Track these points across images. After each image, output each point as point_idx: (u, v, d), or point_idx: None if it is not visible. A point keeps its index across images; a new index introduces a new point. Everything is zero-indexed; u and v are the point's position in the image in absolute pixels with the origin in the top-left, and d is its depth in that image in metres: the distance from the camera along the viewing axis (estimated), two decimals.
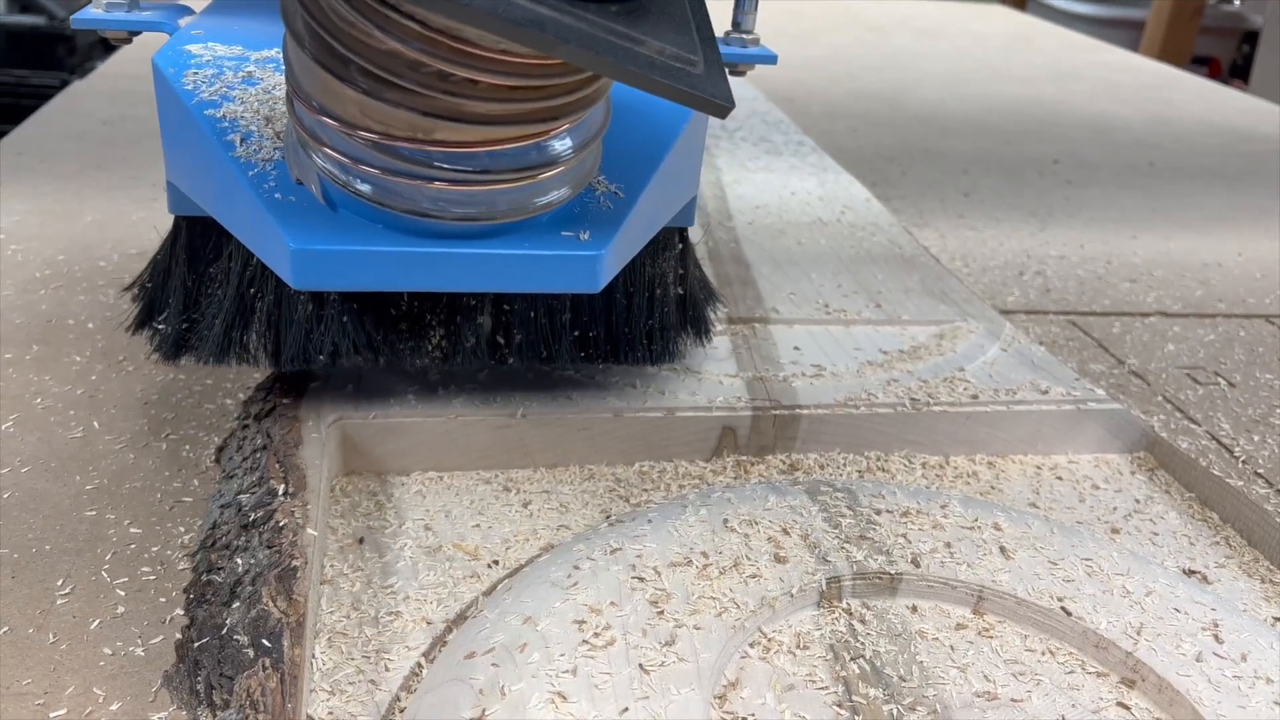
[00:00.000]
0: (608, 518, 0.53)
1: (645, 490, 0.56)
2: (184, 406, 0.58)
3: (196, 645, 0.40)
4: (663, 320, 0.57)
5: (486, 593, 0.47)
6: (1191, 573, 0.53)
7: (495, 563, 0.49)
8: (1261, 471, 0.60)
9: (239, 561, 0.44)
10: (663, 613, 0.43)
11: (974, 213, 1.06)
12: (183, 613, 0.43)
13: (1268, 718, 0.41)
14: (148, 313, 0.55)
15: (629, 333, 0.57)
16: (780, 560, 0.47)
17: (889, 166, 1.19)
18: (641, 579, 0.45)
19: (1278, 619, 0.50)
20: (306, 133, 0.45)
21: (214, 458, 0.54)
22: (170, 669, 0.40)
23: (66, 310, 0.67)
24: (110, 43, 0.57)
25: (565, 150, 0.46)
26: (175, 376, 0.61)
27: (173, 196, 0.52)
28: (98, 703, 0.39)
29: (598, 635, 0.41)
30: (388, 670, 0.42)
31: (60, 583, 0.45)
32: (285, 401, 0.55)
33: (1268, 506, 0.56)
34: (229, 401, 0.59)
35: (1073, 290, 0.87)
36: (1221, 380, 0.72)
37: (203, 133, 0.48)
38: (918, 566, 0.47)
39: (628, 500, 0.55)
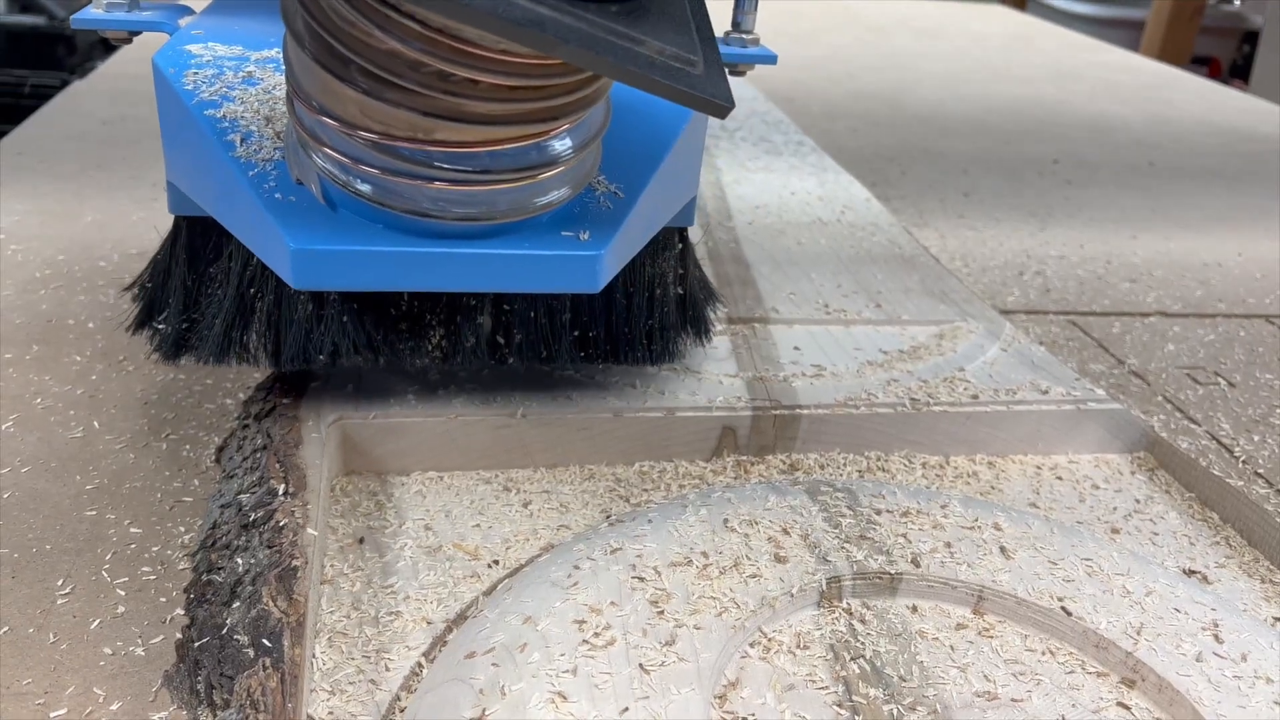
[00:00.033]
0: (608, 518, 0.53)
1: (645, 490, 0.56)
2: (184, 406, 0.58)
3: (197, 645, 0.40)
4: (662, 320, 0.57)
5: (487, 592, 0.47)
6: (1192, 573, 0.53)
7: (495, 562, 0.49)
8: (1261, 471, 0.60)
9: (239, 561, 0.44)
10: (663, 612, 0.43)
11: (974, 213, 1.06)
12: (183, 612, 0.43)
13: (1268, 718, 0.41)
14: (148, 313, 0.55)
15: (629, 332, 0.57)
16: (780, 560, 0.47)
17: (889, 166, 1.19)
18: (642, 579, 0.45)
19: (1278, 619, 0.50)
20: (306, 133, 0.45)
21: (214, 457, 0.54)
22: (170, 669, 0.40)
23: (66, 310, 0.67)
24: (110, 43, 0.57)
25: (565, 150, 0.46)
26: (175, 376, 0.61)
27: (173, 196, 0.52)
28: (98, 702, 0.39)
29: (598, 635, 0.41)
30: (388, 670, 0.42)
31: (60, 582, 0.45)
32: (285, 401, 0.55)
33: (1268, 506, 0.56)
34: (229, 401, 0.59)
35: (1073, 290, 0.87)
36: (1221, 380, 0.72)
37: (203, 133, 0.49)
38: (918, 566, 0.47)
39: (628, 500, 0.55)
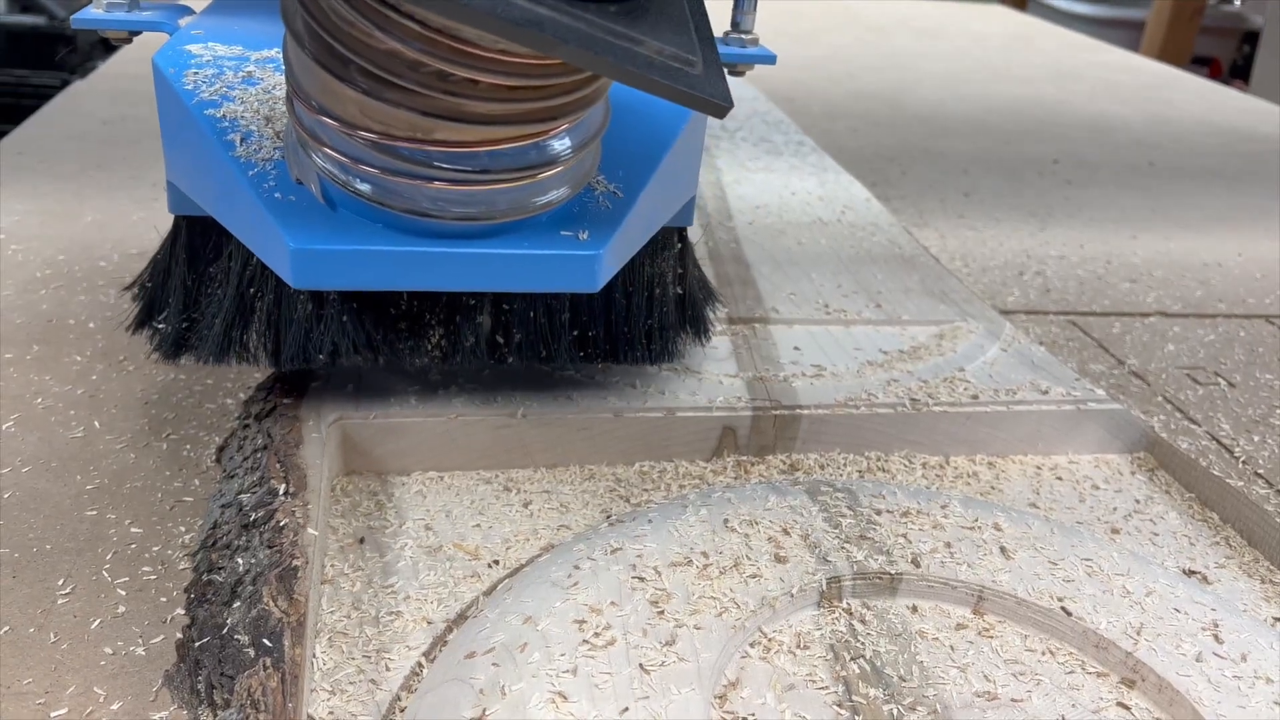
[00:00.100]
0: (608, 518, 0.53)
1: (645, 490, 0.56)
2: (185, 406, 0.58)
3: (197, 645, 0.40)
4: (662, 320, 0.57)
5: (487, 592, 0.47)
6: (1191, 573, 0.53)
7: (495, 562, 0.49)
8: (1261, 472, 0.60)
9: (240, 561, 0.44)
10: (663, 612, 0.43)
11: (974, 213, 1.06)
12: (183, 612, 0.43)
13: (1268, 718, 0.41)
14: (148, 312, 0.55)
15: (628, 332, 0.57)
16: (780, 560, 0.47)
17: (889, 166, 1.19)
18: (642, 579, 0.45)
19: (1278, 619, 0.50)
20: (306, 132, 0.45)
21: (215, 457, 0.54)
22: (171, 668, 0.40)
23: (67, 310, 0.67)
24: (111, 43, 0.57)
25: (564, 150, 0.46)
26: (176, 376, 0.61)
27: (173, 196, 0.52)
28: (98, 702, 0.39)
29: (598, 635, 0.41)
30: (388, 670, 0.42)
31: (61, 582, 0.45)
32: (286, 401, 0.55)
33: (1268, 507, 0.56)
34: (229, 401, 0.59)
35: (1073, 290, 0.87)
36: (1221, 380, 0.72)
37: (203, 132, 0.49)
38: (918, 566, 0.47)
39: (628, 500, 0.55)
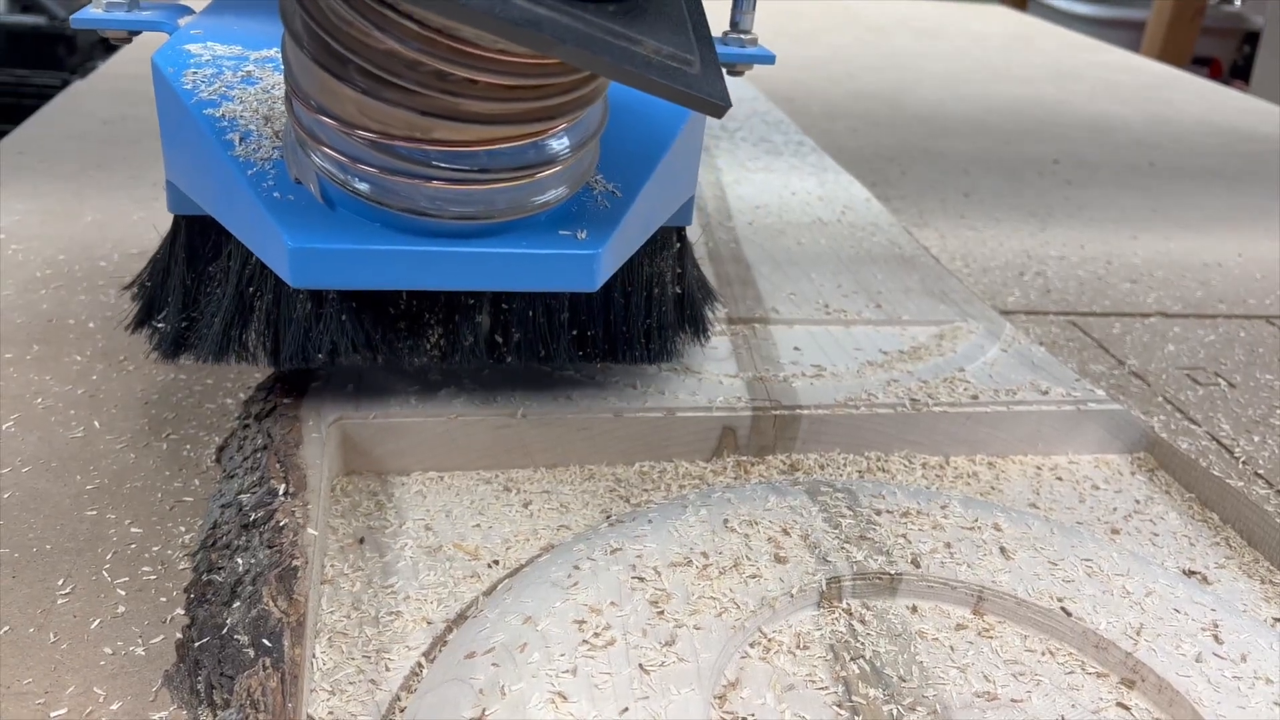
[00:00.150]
0: (608, 518, 0.53)
1: (645, 490, 0.56)
2: (184, 406, 0.58)
3: (197, 645, 0.40)
4: (661, 319, 0.57)
5: (487, 592, 0.47)
6: (1191, 573, 0.53)
7: (495, 563, 0.49)
8: (1262, 472, 0.60)
9: (239, 561, 0.44)
10: (663, 613, 0.43)
11: (974, 213, 1.06)
12: (183, 612, 0.43)
13: (1267, 718, 0.41)
14: (147, 311, 0.55)
15: (627, 332, 0.57)
16: (780, 560, 0.47)
17: (889, 166, 1.19)
18: (642, 579, 0.44)
19: (1278, 620, 0.50)
20: (305, 132, 0.45)
21: (214, 457, 0.54)
22: (171, 668, 0.40)
23: (67, 310, 0.67)
24: (110, 43, 0.57)
25: (563, 149, 0.46)
26: (176, 376, 0.61)
27: (172, 195, 0.52)
28: (98, 702, 0.39)
29: (598, 635, 0.41)
30: (388, 670, 0.42)
31: (61, 582, 0.45)
32: (286, 401, 0.55)
33: (1268, 507, 0.56)
34: (229, 401, 0.59)
35: (1073, 291, 0.87)
36: (1222, 381, 0.72)
37: (202, 132, 0.49)
38: (918, 567, 0.47)
39: (628, 500, 0.55)
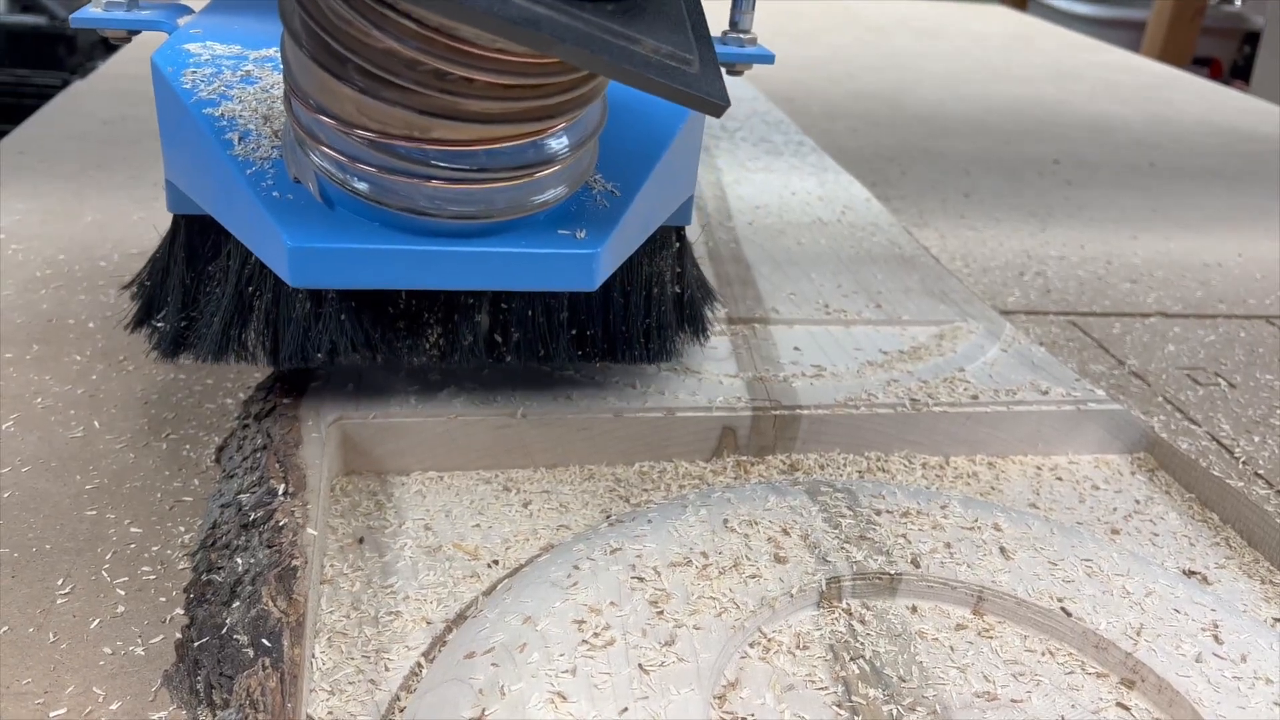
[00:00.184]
0: (608, 518, 0.53)
1: (645, 490, 0.56)
2: (184, 406, 0.58)
3: (196, 645, 0.40)
4: (660, 319, 0.57)
5: (486, 592, 0.47)
6: (1191, 573, 0.53)
7: (495, 562, 0.49)
8: (1262, 472, 0.60)
9: (239, 561, 0.44)
10: (662, 613, 0.43)
11: (974, 213, 1.06)
12: (183, 612, 0.43)
13: (1267, 718, 0.40)
14: (146, 310, 0.55)
15: (626, 331, 0.57)
16: (780, 560, 0.47)
17: (889, 166, 1.19)
18: (641, 579, 0.44)
19: (1278, 620, 0.50)
20: (304, 131, 0.45)
21: (214, 457, 0.54)
22: (170, 668, 0.40)
23: (67, 310, 0.67)
24: (110, 42, 0.57)
25: (562, 148, 0.46)
26: (176, 376, 0.61)
27: (171, 195, 0.52)
28: (98, 702, 0.39)
29: (597, 635, 0.41)
30: (387, 670, 0.42)
31: (60, 582, 0.45)
32: (285, 401, 0.55)
33: (1268, 507, 0.56)
34: (229, 401, 0.59)
35: (1073, 291, 0.87)
36: (1222, 381, 0.72)
37: (201, 131, 0.49)
38: (918, 567, 0.47)
39: (628, 500, 0.55)
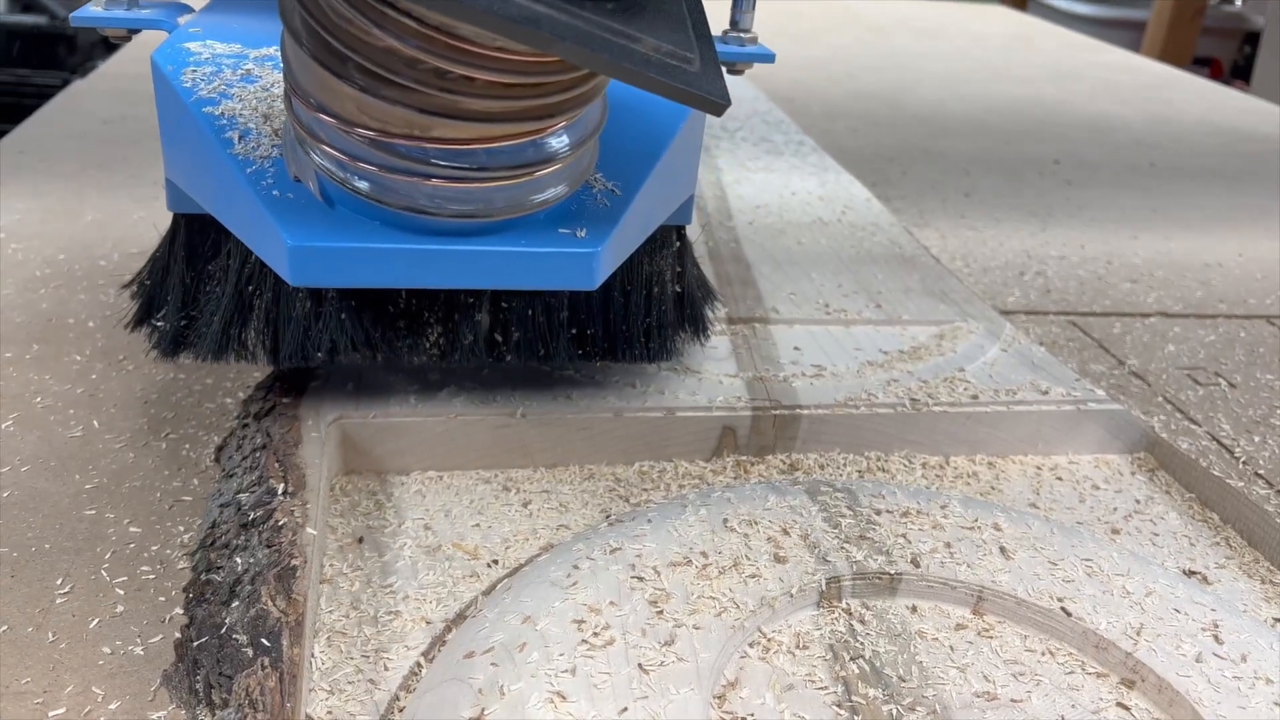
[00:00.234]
0: (607, 517, 0.53)
1: (645, 490, 0.56)
2: (184, 405, 0.58)
3: (195, 644, 0.40)
4: (660, 318, 0.57)
5: (486, 592, 0.47)
6: (1192, 573, 0.53)
7: (495, 562, 0.49)
8: (1262, 472, 0.60)
9: (238, 560, 0.44)
10: (662, 612, 0.43)
11: (974, 213, 1.06)
12: (182, 612, 0.43)
13: (1268, 718, 0.40)
14: (146, 309, 0.55)
15: (626, 330, 0.57)
16: (780, 560, 0.46)
17: (889, 166, 1.19)
18: (641, 579, 0.44)
19: (1278, 620, 0.50)
20: (304, 130, 0.45)
21: (214, 457, 0.54)
22: (169, 668, 0.40)
23: (67, 309, 0.67)
24: (111, 41, 0.57)
25: (562, 147, 0.46)
26: (175, 375, 0.61)
27: (171, 194, 0.52)
28: (97, 702, 0.39)
29: (597, 635, 0.41)
30: (387, 670, 0.42)
31: (60, 581, 0.45)
32: (285, 400, 0.55)
33: (1268, 507, 0.56)
34: (229, 400, 0.59)
35: (1073, 290, 0.87)
36: (1222, 381, 0.72)
37: (201, 130, 0.48)
38: (917, 567, 0.47)
39: (627, 500, 0.55)
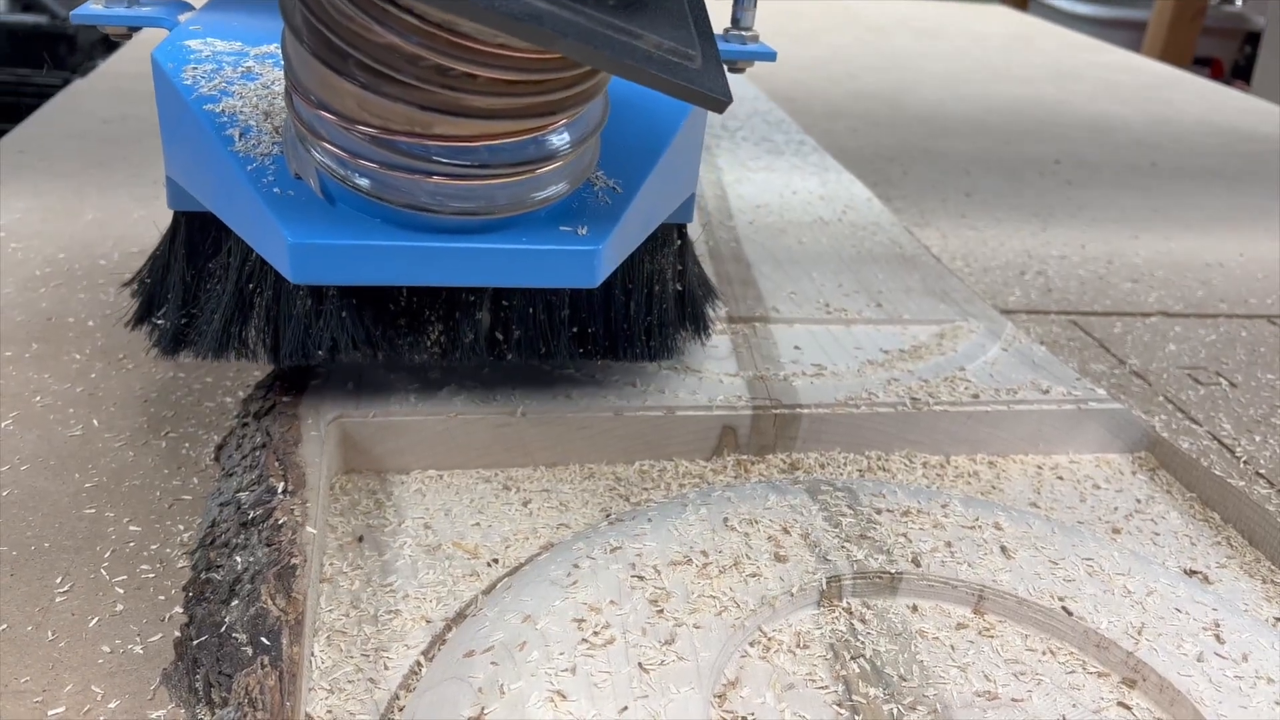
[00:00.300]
0: (608, 516, 0.53)
1: (645, 489, 0.56)
2: (184, 404, 0.58)
3: (195, 643, 0.40)
4: (661, 317, 0.57)
5: (486, 591, 0.47)
6: (1193, 573, 0.53)
7: (495, 561, 0.49)
8: (1263, 472, 0.60)
9: (238, 559, 0.44)
10: (662, 611, 0.42)
11: (975, 212, 1.06)
12: (182, 610, 0.43)
13: (1269, 718, 0.40)
14: (147, 308, 0.55)
15: (627, 329, 0.57)
16: (780, 559, 0.46)
17: (890, 166, 1.19)
18: (641, 578, 0.44)
19: (1279, 619, 0.50)
20: (305, 127, 0.45)
21: (213, 455, 0.54)
22: (169, 667, 0.40)
23: (66, 308, 0.67)
24: (111, 39, 0.57)
25: (563, 145, 0.46)
26: (175, 374, 0.60)
27: (172, 191, 0.52)
28: (96, 700, 0.39)
29: (597, 634, 0.41)
30: (387, 669, 0.42)
31: (59, 580, 0.45)
32: (285, 399, 0.55)
33: (1269, 507, 0.56)
34: (229, 399, 0.59)
35: (1074, 290, 0.87)
36: (1223, 380, 0.72)
37: (201, 128, 0.48)
38: (918, 566, 0.47)
39: (628, 499, 0.55)
